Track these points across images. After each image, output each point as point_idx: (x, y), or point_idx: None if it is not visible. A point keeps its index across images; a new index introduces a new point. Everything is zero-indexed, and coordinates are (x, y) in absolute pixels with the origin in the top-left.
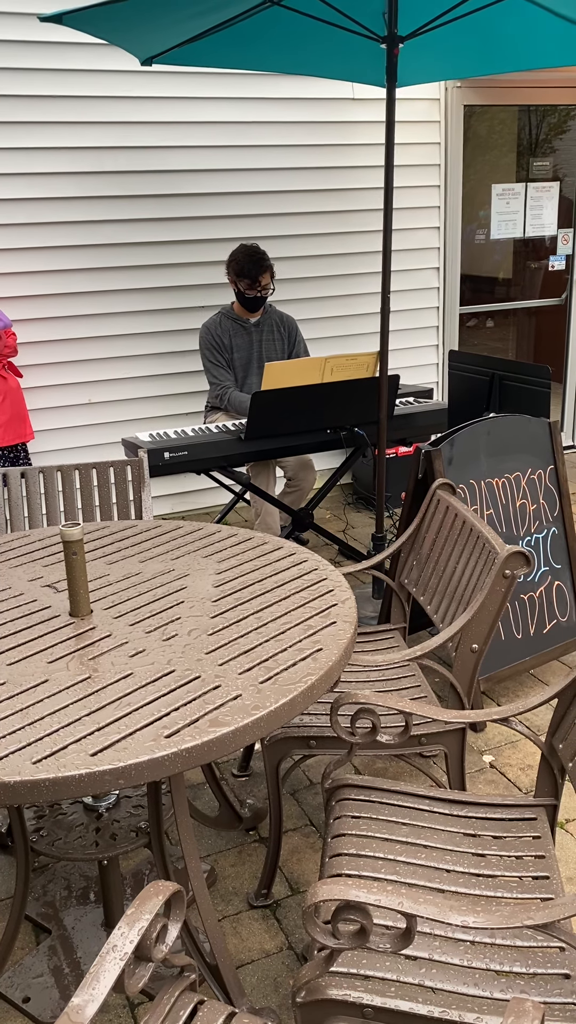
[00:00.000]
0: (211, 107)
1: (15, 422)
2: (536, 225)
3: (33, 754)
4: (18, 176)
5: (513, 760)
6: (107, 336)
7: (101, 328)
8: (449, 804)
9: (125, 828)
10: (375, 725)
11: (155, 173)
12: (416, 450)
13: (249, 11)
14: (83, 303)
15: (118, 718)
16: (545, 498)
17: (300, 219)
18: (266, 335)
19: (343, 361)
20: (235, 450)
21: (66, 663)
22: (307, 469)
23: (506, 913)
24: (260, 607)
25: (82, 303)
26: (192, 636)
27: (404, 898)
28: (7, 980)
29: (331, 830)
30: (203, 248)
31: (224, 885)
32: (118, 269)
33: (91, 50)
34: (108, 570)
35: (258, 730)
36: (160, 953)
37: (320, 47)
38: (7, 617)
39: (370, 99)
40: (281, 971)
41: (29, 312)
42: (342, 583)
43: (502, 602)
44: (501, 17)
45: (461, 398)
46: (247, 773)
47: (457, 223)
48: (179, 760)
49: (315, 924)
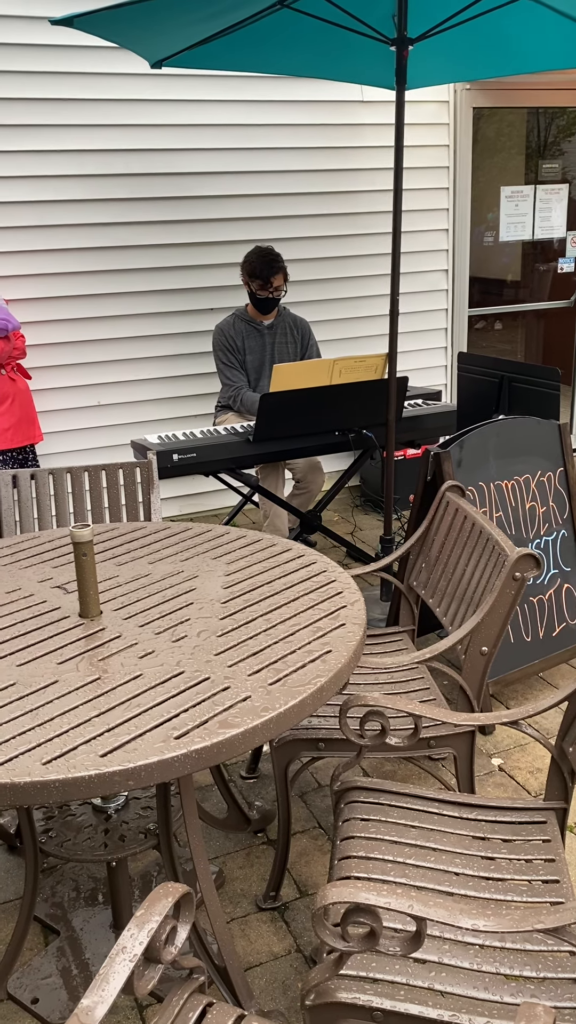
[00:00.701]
0: (220, 110)
1: (24, 424)
2: (545, 227)
3: (43, 755)
4: (28, 179)
5: (522, 763)
6: (116, 338)
7: (110, 330)
8: (458, 807)
9: (134, 829)
10: (384, 727)
11: (165, 175)
12: (425, 452)
13: (259, 14)
14: (92, 305)
15: (128, 719)
16: (555, 500)
17: (308, 221)
18: (279, 338)
19: (352, 363)
20: (244, 452)
21: (76, 664)
22: (316, 471)
23: (516, 917)
24: (269, 609)
25: (91, 305)
26: (201, 637)
27: (414, 901)
28: (16, 981)
29: (340, 832)
30: (211, 250)
31: (232, 887)
32: (127, 271)
33: (100, 53)
34: (118, 571)
35: (268, 732)
36: (169, 955)
37: (329, 49)
38: (17, 618)
39: (379, 101)
40: (289, 974)
41: (38, 314)
42: (351, 585)
43: (512, 604)
44: (510, 19)
45: (470, 400)
46: (255, 775)
47: (466, 225)
48: (189, 761)
49: (325, 926)
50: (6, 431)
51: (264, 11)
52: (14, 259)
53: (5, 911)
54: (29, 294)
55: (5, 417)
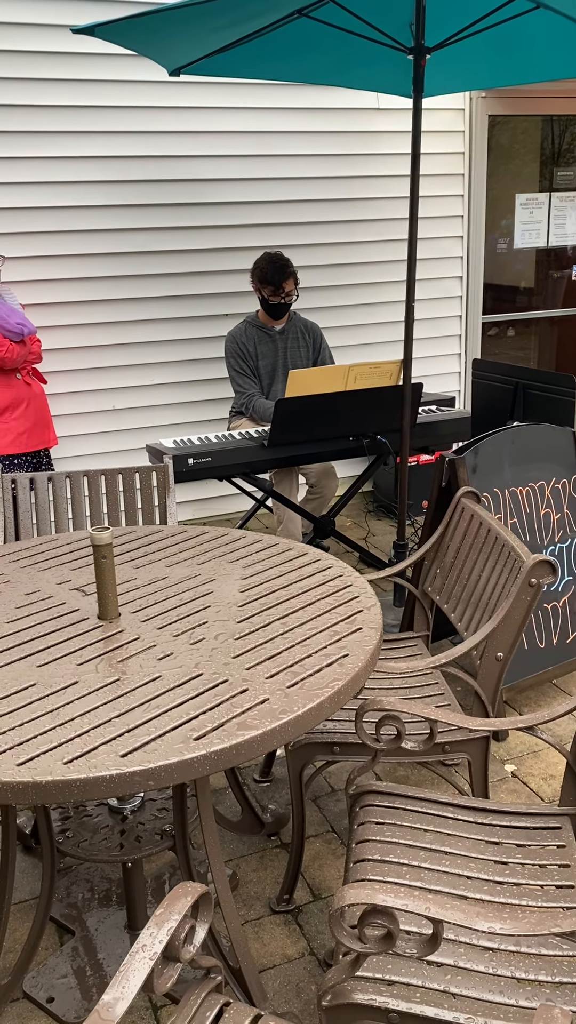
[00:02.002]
0: (237, 116)
1: (39, 428)
2: (559, 235)
3: (64, 754)
4: (46, 184)
5: (535, 770)
6: (131, 343)
7: (125, 335)
8: (473, 812)
9: (150, 831)
10: (400, 732)
11: (182, 182)
12: (439, 458)
13: (277, 23)
14: (108, 310)
15: (147, 720)
16: (569, 507)
17: (324, 228)
18: (291, 342)
19: (367, 369)
20: (258, 457)
21: (95, 665)
22: (330, 477)
23: (533, 920)
24: (286, 612)
25: (107, 310)
26: (219, 640)
27: (431, 903)
28: (32, 980)
29: (355, 836)
30: (228, 256)
31: (246, 890)
32: (143, 277)
33: (119, 61)
34: (135, 574)
35: (285, 734)
36: (188, 954)
37: (346, 57)
38: (37, 619)
39: (395, 109)
40: (303, 977)
41: (54, 319)
42: (367, 590)
43: (527, 610)
44: (526, 28)
45: (485, 407)
46: (268, 779)
47: (480, 232)
48: (208, 762)
49: (342, 928)
50: (21, 435)
51: (283, 20)
52: (32, 264)
53: (20, 911)
54: (45, 299)
55: (20, 421)
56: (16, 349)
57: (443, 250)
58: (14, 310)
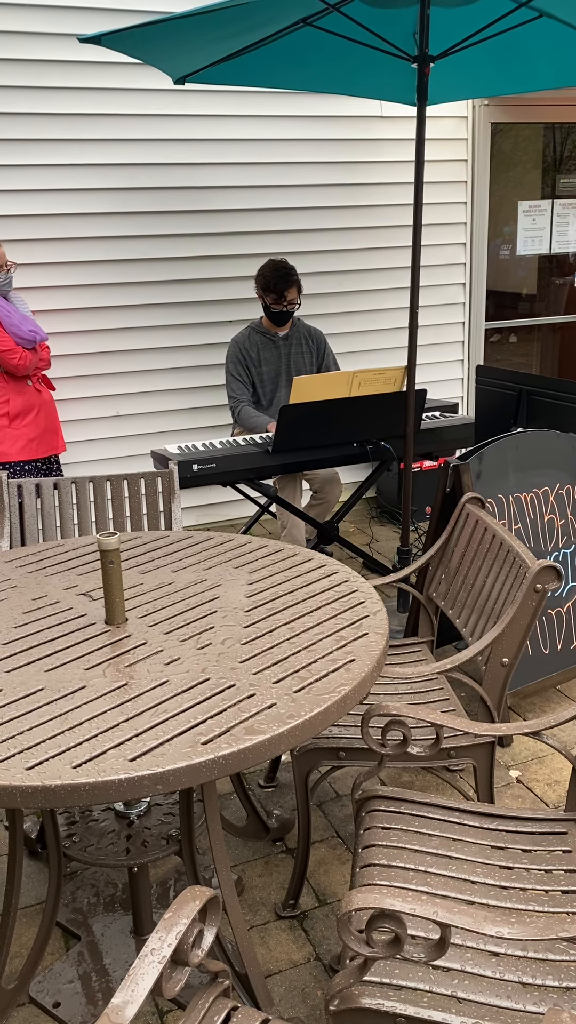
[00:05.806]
0: (241, 125)
1: (48, 434)
2: (562, 241)
3: (73, 759)
4: (52, 192)
5: (540, 775)
6: (136, 350)
7: (131, 342)
8: (479, 817)
9: (156, 835)
10: (406, 737)
11: (186, 189)
12: (444, 464)
13: (281, 31)
14: (113, 317)
15: (155, 724)
16: (573, 513)
17: (328, 235)
18: (294, 349)
19: (371, 375)
20: (263, 463)
21: (103, 670)
22: (334, 483)
23: (540, 925)
24: (293, 618)
25: (112, 317)
26: (226, 645)
27: (439, 908)
28: (38, 985)
29: (361, 841)
30: (233, 263)
31: (251, 895)
32: (149, 284)
33: (124, 69)
34: (142, 579)
35: (293, 739)
36: (196, 958)
37: (350, 66)
38: (44, 624)
39: (398, 117)
40: (309, 982)
41: (60, 325)
42: (373, 595)
43: (533, 616)
44: (529, 37)
45: (488, 413)
46: (273, 784)
47: (483, 239)
48: (216, 767)
49: (350, 932)
50: (31, 441)
51: (287, 29)
52: (37, 271)
53: (27, 915)
54: (51, 305)
55: (31, 427)
56: (29, 356)
57: (446, 257)
58: (26, 317)
